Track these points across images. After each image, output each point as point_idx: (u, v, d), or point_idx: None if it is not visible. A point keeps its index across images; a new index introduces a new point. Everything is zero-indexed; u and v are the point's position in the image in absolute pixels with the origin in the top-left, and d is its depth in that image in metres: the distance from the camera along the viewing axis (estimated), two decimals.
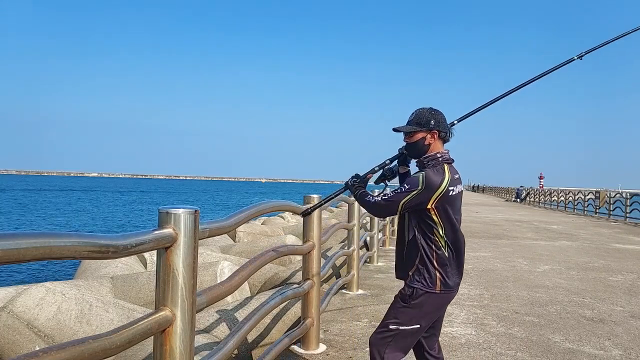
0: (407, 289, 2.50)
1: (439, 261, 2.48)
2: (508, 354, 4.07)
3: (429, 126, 2.51)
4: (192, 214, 1.98)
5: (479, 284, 6.91)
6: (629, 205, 21.34)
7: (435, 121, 2.52)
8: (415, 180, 2.43)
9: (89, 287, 5.33)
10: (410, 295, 2.47)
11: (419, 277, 2.47)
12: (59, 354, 1.41)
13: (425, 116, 2.53)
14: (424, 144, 2.54)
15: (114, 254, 1.64)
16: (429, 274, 2.46)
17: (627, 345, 4.38)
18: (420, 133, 2.54)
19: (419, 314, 2.47)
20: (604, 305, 5.84)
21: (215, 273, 5.82)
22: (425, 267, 2.47)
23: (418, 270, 2.48)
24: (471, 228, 15.42)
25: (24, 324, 4.09)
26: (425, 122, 2.52)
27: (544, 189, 50.40)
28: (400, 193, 2.42)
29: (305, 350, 3.97)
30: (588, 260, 9.36)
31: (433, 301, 2.48)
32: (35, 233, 1.34)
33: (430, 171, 2.45)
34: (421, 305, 2.46)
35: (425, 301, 2.46)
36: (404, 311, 2.48)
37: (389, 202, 2.45)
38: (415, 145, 2.56)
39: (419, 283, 2.47)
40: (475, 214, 22.95)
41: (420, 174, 2.45)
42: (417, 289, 2.46)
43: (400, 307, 2.50)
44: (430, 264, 2.47)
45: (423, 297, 2.46)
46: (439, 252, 2.48)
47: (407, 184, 2.44)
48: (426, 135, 2.53)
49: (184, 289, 1.95)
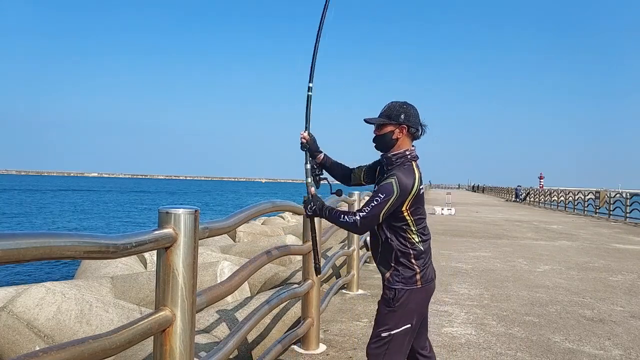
0: (388, 292, 2.47)
1: (415, 256, 2.45)
2: (508, 354, 4.07)
3: (399, 120, 2.44)
4: (192, 214, 1.98)
5: (479, 284, 6.91)
6: (629, 205, 21.33)
7: (405, 115, 2.44)
8: (389, 187, 2.35)
9: (89, 287, 5.33)
10: (393, 298, 2.43)
11: (398, 278, 2.44)
12: (59, 354, 1.41)
13: (396, 110, 2.46)
14: (391, 138, 2.47)
15: (114, 254, 1.65)
16: (408, 271, 2.43)
17: (627, 345, 4.38)
18: (389, 126, 2.46)
19: (406, 313, 2.44)
20: (604, 305, 5.84)
21: (215, 273, 5.82)
22: (402, 266, 2.44)
23: (396, 270, 2.45)
24: (471, 228, 15.42)
25: (24, 324, 4.09)
26: (395, 115, 2.45)
27: (544, 189, 50.40)
28: (377, 205, 2.35)
29: (305, 350, 3.97)
30: (588, 260, 9.36)
31: (416, 297, 2.45)
32: (35, 233, 1.34)
33: (401, 174, 2.39)
34: (406, 304, 2.43)
35: (408, 299, 2.43)
36: (391, 315, 2.44)
37: (369, 217, 2.37)
38: (383, 139, 2.49)
39: (399, 283, 2.43)
40: (475, 214, 22.96)
41: (391, 179, 2.37)
42: (398, 290, 2.43)
43: (386, 312, 2.46)
44: (407, 261, 2.44)
45: (405, 295, 2.42)
46: (415, 248, 2.46)
47: (382, 192, 2.35)
48: (394, 130, 2.46)
49: (184, 289, 1.95)
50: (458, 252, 9.96)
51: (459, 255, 9.62)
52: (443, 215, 21.09)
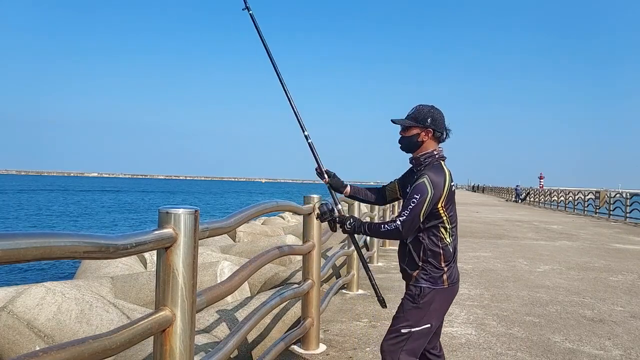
0: (414, 288, 2.48)
1: (445, 257, 2.47)
2: (508, 354, 4.07)
3: (425, 123, 2.50)
4: (192, 214, 1.98)
5: (479, 284, 6.91)
6: (629, 205, 21.33)
7: (432, 119, 2.50)
8: (423, 187, 2.39)
9: (89, 287, 5.33)
10: (419, 295, 2.44)
11: (426, 276, 2.45)
12: (59, 354, 1.41)
13: (424, 113, 2.52)
14: (417, 140, 2.53)
15: (114, 254, 1.64)
16: (436, 271, 2.45)
17: (627, 345, 4.38)
18: (416, 129, 2.52)
19: (429, 312, 2.45)
20: (604, 305, 5.84)
21: (215, 273, 5.82)
22: (431, 265, 2.45)
23: (424, 269, 2.46)
24: (471, 228, 15.42)
25: (24, 324, 4.09)
26: (422, 118, 2.51)
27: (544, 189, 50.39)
28: (415, 206, 2.37)
29: (305, 350, 3.97)
30: (588, 260, 9.36)
31: (441, 297, 2.47)
32: (35, 233, 1.34)
33: (431, 173, 2.43)
34: (430, 303, 2.44)
35: (433, 298, 2.44)
36: (414, 312, 2.45)
37: (409, 220, 2.39)
38: (409, 140, 2.55)
39: (426, 282, 2.45)
40: (476, 214, 22.95)
41: (423, 178, 2.41)
42: (425, 288, 2.44)
43: (409, 308, 2.46)
44: (436, 261, 2.45)
45: (431, 294, 2.44)
46: (445, 248, 2.48)
47: (417, 193, 2.39)
48: (421, 132, 2.52)
49: (184, 289, 1.95)
50: (458, 252, 9.94)
51: (459, 255, 9.55)
52: None
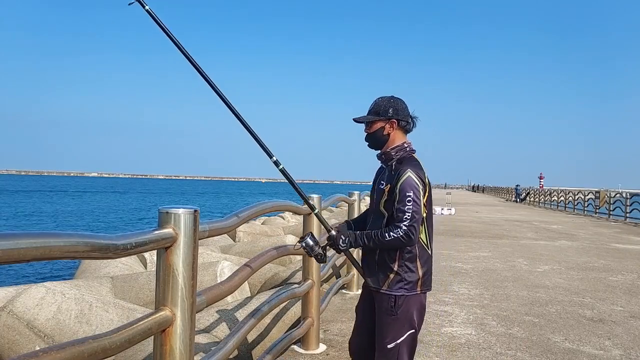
0: (387, 299, 2.34)
1: (422, 261, 2.34)
2: (508, 354, 4.07)
3: (387, 115, 2.37)
4: (192, 214, 1.98)
5: (479, 284, 6.91)
6: (629, 205, 21.33)
7: (394, 110, 2.37)
8: (412, 182, 2.25)
9: (89, 287, 5.33)
10: (394, 305, 2.32)
11: (400, 283, 2.31)
12: (59, 354, 1.41)
13: (384, 105, 2.39)
14: (383, 134, 2.39)
15: (114, 254, 1.64)
16: (411, 277, 2.31)
17: (627, 345, 4.38)
18: (379, 122, 2.39)
19: (409, 320, 2.33)
20: (604, 305, 5.84)
21: (215, 273, 5.82)
22: (407, 270, 2.31)
23: (398, 275, 2.31)
24: (471, 228, 15.42)
25: (24, 324, 4.09)
26: (383, 110, 2.38)
27: (544, 189, 50.39)
28: (414, 204, 2.23)
29: (305, 350, 3.97)
30: (588, 260, 9.36)
31: (415, 302, 2.35)
32: (35, 233, 1.34)
33: (412, 167, 2.30)
34: (407, 309, 2.32)
35: (410, 305, 2.33)
36: (394, 324, 2.33)
37: (416, 221, 2.23)
38: (374, 136, 2.42)
39: (400, 289, 2.32)
40: (475, 213, 22.96)
41: (407, 173, 2.27)
42: (398, 297, 2.32)
43: (389, 322, 2.34)
44: (413, 265, 2.32)
45: (405, 302, 2.32)
46: (423, 252, 2.35)
47: (409, 191, 2.24)
48: (385, 125, 2.38)
49: (184, 289, 1.95)
50: (458, 252, 9.95)
51: (459, 255, 9.62)
52: (443, 215, 21.09)
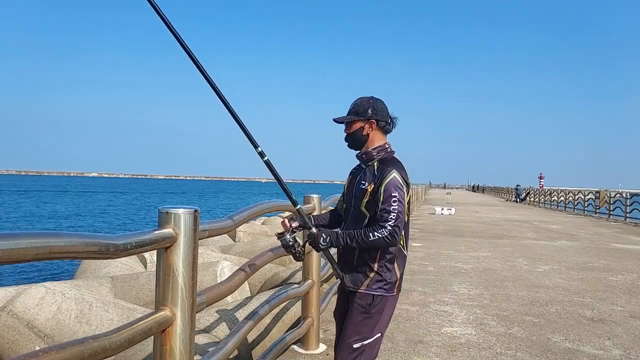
0: (365, 298, 2.30)
1: (399, 262, 2.33)
2: (508, 354, 4.07)
3: (367, 115, 2.36)
4: (192, 214, 1.98)
5: (479, 284, 6.91)
6: (629, 205, 21.34)
7: (373, 110, 2.36)
8: (397, 181, 2.24)
9: (89, 287, 5.33)
10: (371, 304, 2.28)
11: (379, 283, 2.29)
12: (59, 354, 1.41)
13: (363, 105, 2.38)
14: (362, 134, 2.38)
15: (114, 254, 1.64)
16: (390, 277, 2.30)
17: (627, 345, 4.38)
18: (358, 123, 2.38)
19: (380, 321, 2.31)
20: (604, 305, 5.84)
21: (215, 273, 5.83)
22: (386, 271, 2.30)
23: (379, 275, 2.29)
24: (471, 228, 15.43)
25: (24, 324, 4.09)
26: (362, 111, 2.36)
27: (544, 189, 50.39)
28: (399, 204, 2.21)
29: (305, 350, 3.97)
30: (588, 260, 9.36)
31: (390, 305, 2.34)
32: (35, 233, 1.34)
33: (396, 168, 2.29)
34: (381, 311, 2.30)
35: (384, 306, 2.30)
36: (366, 323, 2.29)
37: (400, 221, 2.21)
38: (354, 136, 2.40)
39: (380, 289, 2.29)
40: (475, 213, 22.96)
41: (392, 173, 2.26)
42: (377, 296, 2.29)
43: (361, 320, 2.29)
44: (391, 266, 2.30)
45: (382, 302, 2.29)
46: (401, 254, 2.33)
47: (395, 190, 2.22)
48: (364, 125, 2.37)
49: (184, 289, 1.95)
50: (458, 252, 9.96)
51: (459, 255, 9.62)
52: (443, 215, 21.09)
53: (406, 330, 4.61)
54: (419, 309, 5.41)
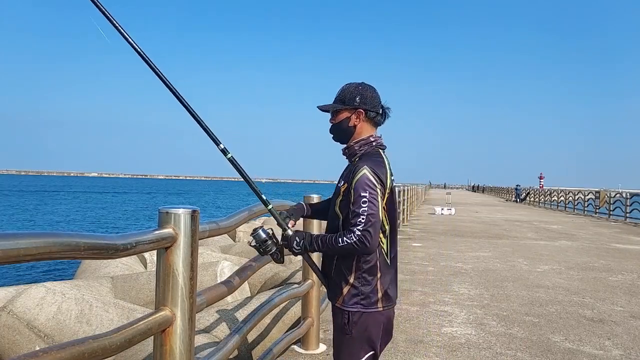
0: (340, 315, 2.04)
1: (382, 271, 2.02)
2: (508, 354, 4.07)
3: (354, 104, 2.06)
4: (192, 214, 1.98)
5: (479, 284, 6.92)
6: (629, 205, 21.35)
7: (361, 98, 2.06)
8: (366, 180, 1.94)
9: (89, 287, 5.33)
10: (348, 322, 2.01)
11: (358, 297, 2.01)
12: (59, 354, 1.41)
13: (351, 92, 2.08)
14: (348, 126, 2.09)
15: (114, 254, 1.64)
16: (369, 289, 2.01)
17: (627, 345, 4.38)
18: (344, 112, 2.09)
19: (368, 339, 2.03)
20: (604, 305, 5.84)
21: (215, 273, 5.83)
22: (364, 283, 2.00)
23: (354, 288, 2.01)
24: (471, 228, 15.43)
25: (24, 324, 4.09)
26: (349, 98, 2.07)
27: (544, 189, 50.39)
28: (369, 206, 1.91)
29: (305, 350, 3.97)
30: (588, 260, 9.37)
31: (375, 321, 2.03)
32: (35, 233, 1.34)
33: (371, 163, 1.99)
34: (364, 328, 2.02)
35: (368, 323, 2.02)
36: (349, 344, 2.03)
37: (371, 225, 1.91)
38: (339, 127, 2.11)
39: (356, 305, 2.01)
40: (475, 213, 22.96)
41: (363, 170, 1.96)
42: (353, 313, 2.01)
43: (343, 341, 2.05)
44: (371, 276, 2.00)
45: (362, 320, 2.01)
46: (382, 260, 2.03)
47: (364, 190, 1.93)
48: (351, 115, 2.08)
49: (184, 289, 1.95)
50: (458, 252, 9.96)
51: (459, 255, 9.62)
52: (443, 215, 21.10)
53: (406, 330, 4.62)
54: (419, 309, 5.41)
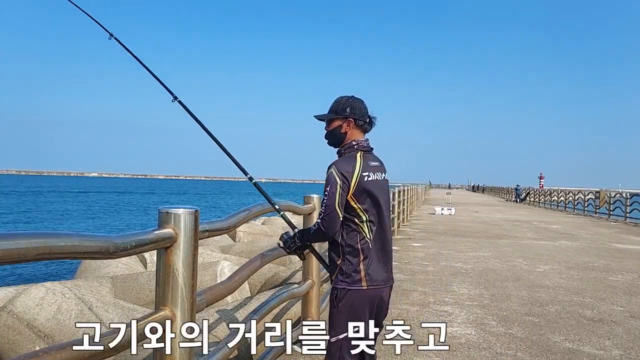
0: (333, 292, 2.40)
1: (365, 254, 2.36)
2: (508, 354, 4.07)
3: (345, 114, 2.47)
4: (192, 214, 1.98)
5: (479, 284, 6.91)
6: (629, 205, 21.34)
7: (351, 109, 2.47)
8: (331, 177, 2.34)
9: (89, 287, 5.33)
10: (337, 297, 2.36)
11: (343, 276, 2.36)
12: (59, 354, 1.41)
13: (342, 104, 2.50)
14: (340, 132, 2.50)
15: (114, 254, 1.64)
16: (353, 269, 2.35)
17: (627, 345, 4.38)
18: (337, 121, 2.50)
19: (352, 315, 2.33)
20: (604, 305, 5.84)
21: (215, 273, 5.82)
22: (349, 263, 2.36)
23: (341, 269, 2.38)
24: (471, 228, 15.42)
25: (24, 324, 4.09)
26: (341, 109, 2.48)
27: (544, 189, 50.38)
28: (328, 199, 2.32)
29: None
30: (588, 260, 9.36)
31: (359, 298, 2.34)
32: (35, 233, 1.34)
33: (339, 162, 2.40)
34: (349, 304, 2.33)
35: (352, 299, 2.33)
36: (337, 317, 2.35)
37: (327, 214, 2.32)
38: (333, 134, 2.53)
39: (343, 282, 2.36)
40: (475, 213, 22.96)
41: (330, 169, 2.37)
42: (341, 289, 2.35)
43: (332, 314, 2.38)
44: (353, 258, 2.36)
45: (347, 295, 2.34)
46: (362, 243, 2.37)
47: (327, 186, 2.35)
48: (342, 124, 2.48)
49: (184, 289, 1.95)
50: (458, 252, 9.96)
51: (459, 255, 9.62)
52: (443, 215, 21.10)
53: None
54: (419, 309, 5.41)
